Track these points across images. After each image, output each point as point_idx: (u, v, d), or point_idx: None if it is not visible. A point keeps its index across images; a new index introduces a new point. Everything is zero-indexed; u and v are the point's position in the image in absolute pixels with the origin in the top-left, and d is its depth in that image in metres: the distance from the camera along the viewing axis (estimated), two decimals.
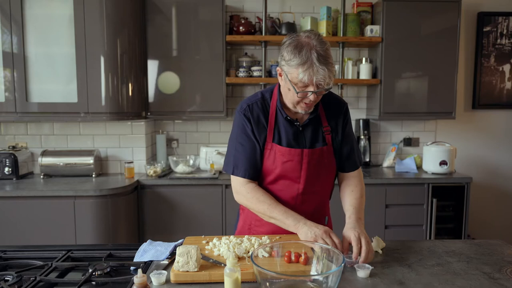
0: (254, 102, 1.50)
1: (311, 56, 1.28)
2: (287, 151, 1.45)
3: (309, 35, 1.33)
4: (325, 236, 1.27)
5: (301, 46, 1.30)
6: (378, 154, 3.55)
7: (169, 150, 3.43)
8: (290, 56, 1.31)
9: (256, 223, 1.55)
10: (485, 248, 1.43)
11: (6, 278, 1.21)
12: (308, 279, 1.04)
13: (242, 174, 1.47)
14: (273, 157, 1.46)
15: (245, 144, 1.47)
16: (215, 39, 3.06)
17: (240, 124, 1.49)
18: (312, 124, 1.49)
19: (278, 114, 1.48)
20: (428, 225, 3.01)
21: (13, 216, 2.63)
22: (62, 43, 2.79)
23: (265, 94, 1.52)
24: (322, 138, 1.50)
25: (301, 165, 1.46)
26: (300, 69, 1.29)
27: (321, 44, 1.30)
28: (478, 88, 3.51)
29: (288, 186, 1.48)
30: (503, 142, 3.60)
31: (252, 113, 1.47)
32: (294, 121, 1.48)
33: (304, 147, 1.47)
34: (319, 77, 1.28)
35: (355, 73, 3.26)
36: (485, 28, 3.46)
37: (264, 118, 1.48)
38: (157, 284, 1.14)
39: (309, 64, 1.28)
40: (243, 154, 1.47)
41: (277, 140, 1.47)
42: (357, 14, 3.24)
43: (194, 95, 3.11)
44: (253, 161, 1.47)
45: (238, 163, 1.48)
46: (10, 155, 2.91)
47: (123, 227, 2.79)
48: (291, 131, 1.47)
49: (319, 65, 1.27)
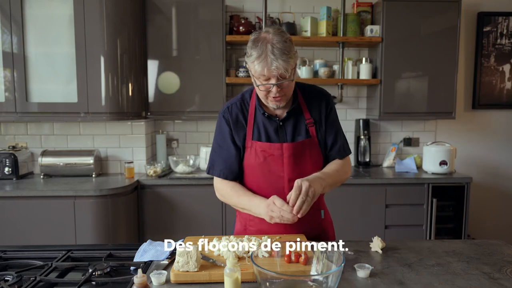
0: (234, 103, 1.55)
1: (266, 49, 1.33)
2: (267, 146, 1.48)
3: (268, 29, 1.38)
4: (271, 209, 1.33)
5: (258, 40, 1.35)
6: (378, 154, 3.55)
7: (169, 150, 3.43)
8: (250, 51, 1.37)
9: (250, 223, 1.57)
10: (485, 248, 1.43)
11: (6, 278, 1.21)
12: (308, 279, 1.04)
13: (217, 173, 1.54)
14: (255, 153, 1.49)
15: (222, 146, 1.53)
16: (215, 39, 3.06)
17: (219, 126, 1.55)
18: (293, 118, 1.51)
19: (257, 112, 1.52)
20: (428, 225, 3.01)
21: (13, 216, 2.63)
22: (62, 43, 2.79)
23: (245, 94, 1.57)
24: (306, 131, 1.51)
25: (282, 159, 1.48)
26: (256, 61, 1.34)
27: (278, 36, 1.35)
28: (478, 88, 3.51)
29: (274, 181, 1.49)
30: (503, 142, 3.60)
31: (231, 114, 1.52)
32: (273, 117, 1.50)
33: (285, 141, 1.49)
34: (272, 68, 1.32)
35: (355, 73, 3.26)
36: (485, 28, 3.46)
37: (243, 118, 1.52)
38: (157, 284, 1.14)
39: (264, 56, 1.33)
40: (220, 155, 1.54)
41: (257, 137, 1.50)
42: (357, 14, 3.25)
43: (194, 95, 3.11)
44: (228, 162, 1.52)
45: (214, 163, 1.55)
46: (10, 155, 2.91)
47: (123, 227, 2.79)
48: (271, 127, 1.50)
49: (272, 57, 1.32)
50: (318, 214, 1.59)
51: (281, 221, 1.33)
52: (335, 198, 2.93)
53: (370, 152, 3.41)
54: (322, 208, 1.62)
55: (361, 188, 2.97)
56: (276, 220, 1.33)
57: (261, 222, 1.48)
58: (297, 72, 2.91)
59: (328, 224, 1.64)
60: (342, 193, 2.93)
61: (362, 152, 3.38)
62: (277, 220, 1.33)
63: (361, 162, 3.39)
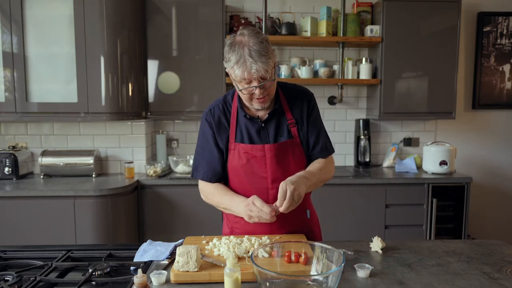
0: (216, 106, 1.54)
1: (243, 53, 1.31)
2: (249, 148, 1.48)
3: (243, 31, 1.36)
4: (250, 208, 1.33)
5: (234, 45, 1.34)
6: (378, 154, 3.55)
7: (169, 150, 3.43)
8: (228, 55, 1.36)
9: (236, 225, 1.57)
10: (485, 248, 1.43)
11: (6, 278, 1.21)
12: (308, 279, 1.04)
13: (201, 176, 1.55)
14: (238, 155, 1.49)
15: (205, 148, 1.54)
16: (215, 39, 3.06)
17: (202, 128, 1.55)
18: (275, 119, 1.51)
19: (239, 114, 1.51)
20: (428, 225, 3.01)
21: (13, 216, 2.63)
22: (62, 43, 2.79)
23: (227, 96, 1.56)
24: (288, 131, 1.51)
25: (265, 160, 1.48)
26: (235, 66, 1.33)
27: (254, 38, 1.33)
28: (478, 88, 3.51)
29: (258, 182, 1.49)
30: (503, 142, 3.60)
31: (213, 116, 1.52)
32: (255, 119, 1.50)
33: (267, 142, 1.49)
34: (252, 71, 1.31)
35: (355, 73, 3.26)
36: (485, 28, 3.46)
37: (226, 120, 1.51)
38: (157, 284, 1.14)
39: (242, 61, 1.31)
40: (203, 157, 1.54)
41: (240, 139, 1.50)
42: (357, 14, 3.25)
43: (194, 95, 3.11)
44: (212, 165, 1.52)
45: (198, 166, 1.56)
46: (10, 155, 2.91)
47: (123, 227, 2.79)
48: (253, 129, 1.50)
49: (251, 60, 1.30)
50: (304, 214, 1.60)
51: (260, 221, 1.33)
52: (335, 198, 2.94)
53: (370, 152, 3.41)
54: (308, 208, 1.62)
55: (361, 188, 2.96)
56: (255, 219, 1.33)
57: (247, 224, 1.49)
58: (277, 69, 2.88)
59: (314, 224, 1.64)
60: (342, 193, 2.93)
61: (362, 152, 3.38)
62: (256, 219, 1.33)
63: (361, 162, 3.39)
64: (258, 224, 1.49)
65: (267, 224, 1.49)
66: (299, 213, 1.54)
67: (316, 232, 1.64)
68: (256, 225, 1.48)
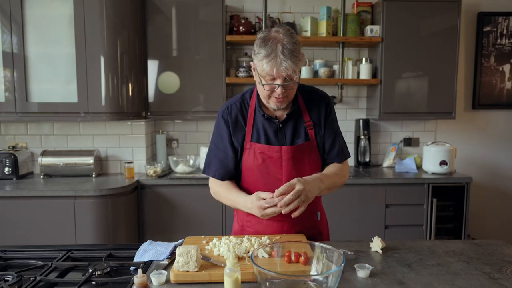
0: (234, 103, 1.53)
1: (276, 49, 1.31)
2: (265, 148, 1.47)
3: (278, 29, 1.37)
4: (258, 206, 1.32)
5: (268, 39, 1.34)
6: (378, 154, 3.55)
7: (169, 150, 3.43)
8: (258, 49, 1.35)
9: (247, 224, 1.56)
10: (485, 248, 1.43)
11: (6, 278, 1.21)
12: (308, 279, 1.04)
13: (212, 173, 1.55)
14: (253, 155, 1.48)
15: (219, 146, 1.53)
16: (215, 39, 3.06)
17: (217, 126, 1.54)
18: (292, 121, 1.50)
19: (256, 113, 1.50)
20: (428, 225, 3.01)
21: (13, 216, 2.62)
22: (62, 43, 2.79)
23: (245, 94, 1.56)
24: (305, 133, 1.50)
25: (281, 162, 1.47)
26: (265, 60, 1.32)
27: (288, 37, 1.34)
28: (478, 88, 3.51)
29: (271, 183, 1.48)
30: (503, 142, 3.60)
31: (230, 114, 1.51)
32: (273, 119, 1.49)
33: (284, 143, 1.48)
34: (281, 68, 1.31)
35: (355, 73, 3.26)
36: (485, 28, 3.46)
37: (243, 119, 1.51)
38: (157, 284, 1.14)
39: (273, 55, 1.31)
40: (216, 155, 1.54)
41: (256, 138, 1.49)
42: (357, 14, 3.25)
43: (194, 95, 3.11)
44: (224, 163, 1.51)
45: (210, 163, 1.56)
46: (10, 155, 2.91)
47: (123, 227, 2.79)
48: (270, 129, 1.49)
49: (282, 57, 1.30)
50: (315, 216, 1.60)
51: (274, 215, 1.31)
52: (335, 198, 2.93)
53: (370, 152, 3.41)
54: (318, 210, 1.62)
55: (361, 188, 2.96)
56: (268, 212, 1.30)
57: (258, 222, 1.48)
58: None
59: (323, 226, 1.65)
60: (342, 193, 2.93)
61: (362, 152, 3.38)
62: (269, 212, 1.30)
63: (361, 162, 3.39)
64: (270, 224, 1.49)
65: (278, 224, 1.49)
66: (310, 215, 1.54)
67: (324, 234, 1.64)
68: (267, 225, 1.47)
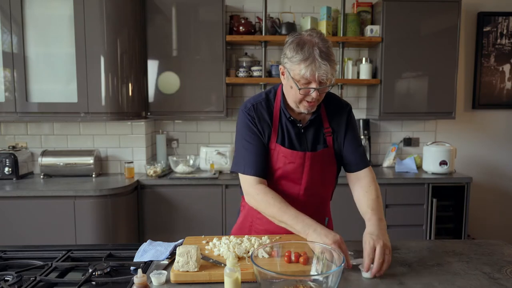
0: (259, 102, 1.50)
1: (313, 52, 1.29)
2: (289, 153, 1.45)
3: (311, 33, 1.35)
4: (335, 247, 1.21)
5: (303, 43, 1.32)
6: (378, 154, 3.55)
7: (169, 150, 3.43)
8: (293, 53, 1.32)
9: (257, 221, 1.55)
10: (485, 248, 1.43)
11: (6, 278, 1.21)
12: (308, 279, 1.04)
13: (253, 172, 1.43)
14: (276, 157, 1.46)
15: (253, 142, 1.45)
16: (215, 39, 3.06)
17: (245, 123, 1.47)
18: (314, 126, 1.49)
19: (282, 115, 1.48)
20: (428, 225, 3.01)
21: (13, 216, 2.63)
22: (62, 43, 2.79)
23: (269, 94, 1.52)
24: (323, 140, 1.49)
25: (303, 168, 1.46)
26: (303, 64, 1.30)
27: (323, 41, 1.33)
28: (478, 88, 3.51)
29: (289, 187, 1.48)
30: (503, 142, 3.60)
31: (256, 112, 1.47)
32: (297, 122, 1.48)
33: (306, 149, 1.47)
34: (321, 72, 1.30)
35: (355, 73, 3.26)
36: (485, 28, 3.46)
37: (269, 118, 1.47)
38: (157, 284, 1.14)
39: (312, 59, 1.29)
40: (252, 152, 1.45)
41: (281, 140, 1.47)
42: (357, 14, 3.25)
43: (194, 95, 3.11)
44: (261, 158, 1.45)
45: (247, 161, 1.44)
46: (10, 155, 2.91)
47: (123, 227, 2.79)
48: (293, 132, 1.47)
49: (321, 61, 1.29)
50: (323, 222, 1.59)
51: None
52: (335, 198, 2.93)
53: (370, 152, 3.41)
54: (327, 216, 1.62)
55: None
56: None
57: (270, 221, 1.45)
58: None
59: None
60: (342, 193, 2.91)
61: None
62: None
63: None
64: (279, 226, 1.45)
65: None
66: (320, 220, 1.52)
67: None
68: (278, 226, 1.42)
